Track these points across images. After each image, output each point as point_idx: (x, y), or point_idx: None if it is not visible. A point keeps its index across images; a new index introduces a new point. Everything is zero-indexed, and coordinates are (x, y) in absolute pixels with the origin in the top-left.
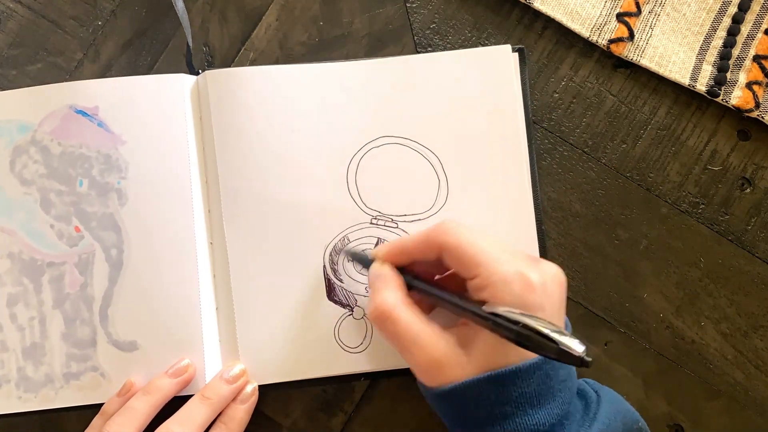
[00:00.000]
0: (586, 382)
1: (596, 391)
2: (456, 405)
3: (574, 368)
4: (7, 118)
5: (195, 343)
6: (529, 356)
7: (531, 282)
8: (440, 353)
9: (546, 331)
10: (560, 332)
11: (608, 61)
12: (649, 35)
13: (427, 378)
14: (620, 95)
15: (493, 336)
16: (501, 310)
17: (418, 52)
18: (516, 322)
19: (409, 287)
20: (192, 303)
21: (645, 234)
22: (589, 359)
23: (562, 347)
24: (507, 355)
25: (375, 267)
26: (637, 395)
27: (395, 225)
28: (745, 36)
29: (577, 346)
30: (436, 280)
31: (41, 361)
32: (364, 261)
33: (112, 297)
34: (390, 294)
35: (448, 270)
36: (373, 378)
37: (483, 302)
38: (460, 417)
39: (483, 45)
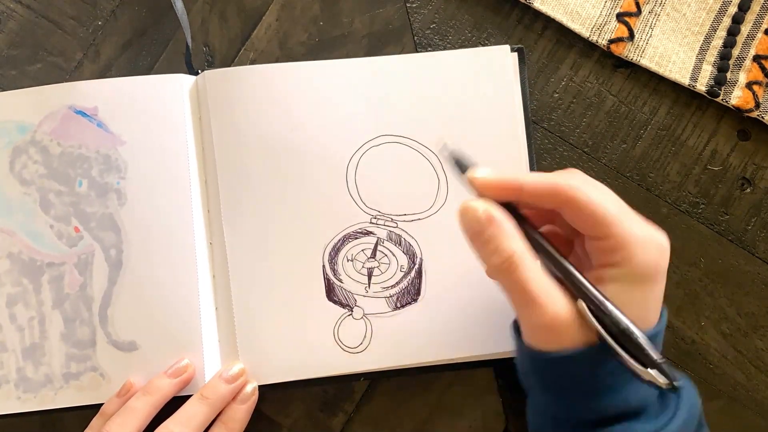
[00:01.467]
0: None
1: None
2: (571, 372)
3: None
4: (6, 118)
5: (194, 343)
6: (647, 325)
7: (665, 247)
8: (565, 313)
9: (636, 363)
10: (651, 363)
11: (608, 61)
12: (649, 35)
13: (543, 339)
14: (620, 95)
15: (616, 301)
16: (612, 308)
17: (418, 52)
18: (620, 328)
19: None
20: (191, 303)
21: None
22: (678, 383)
23: (648, 378)
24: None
25: (480, 205)
26: None
27: (395, 224)
28: (745, 36)
29: (661, 378)
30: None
31: (41, 361)
32: (463, 166)
33: (112, 297)
34: (517, 242)
35: (552, 218)
36: (373, 378)
37: (610, 265)
38: (569, 385)
39: (483, 45)
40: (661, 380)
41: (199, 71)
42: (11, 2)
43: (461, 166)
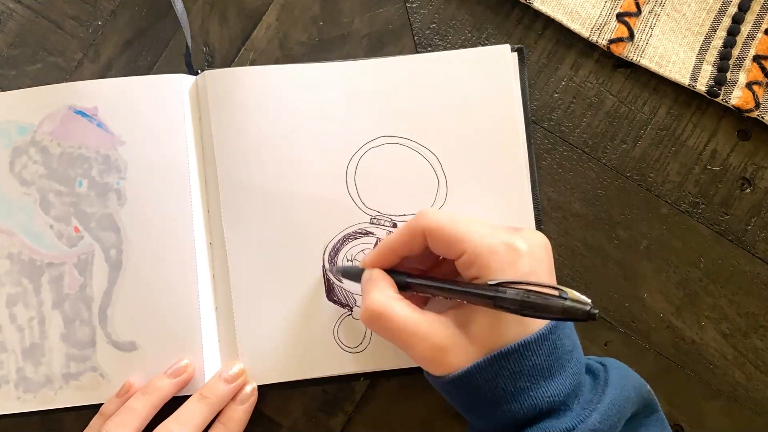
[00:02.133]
0: (588, 358)
1: (601, 363)
2: (469, 389)
3: (577, 340)
4: (6, 118)
5: (194, 343)
6: (529, 331)
7: (518, 249)
8: (442, 339)
9: (548, 291)
10: (562, 288)
11: (608, 61)
12: (649, 35)
13: (433, 367)
14: (620, 95)
15: (490, 315)
16: (497, 281)
17: (418, 52)
18: (517, 291)
19: (402, 287)
20: (191, 303)
21: (645, 234)
22: (596, 311)
23: (569, 303)
24: (506, 333)
25: (364, 274)
26: None
27: (395, 225)
28: (745, 36)
29: (584, 298)
30: (426, 274)
31: (40, 361)
32: (354, 274)
33: (112, 297)
34: (379, 292)
35: (435, 261)
36: (373, 378)
37: (475, 279)
38: (474, 401)
39: (483, 45)
40: (586, 300)
41: (199, 71)
42: (11, 2)
43: (352, 275)
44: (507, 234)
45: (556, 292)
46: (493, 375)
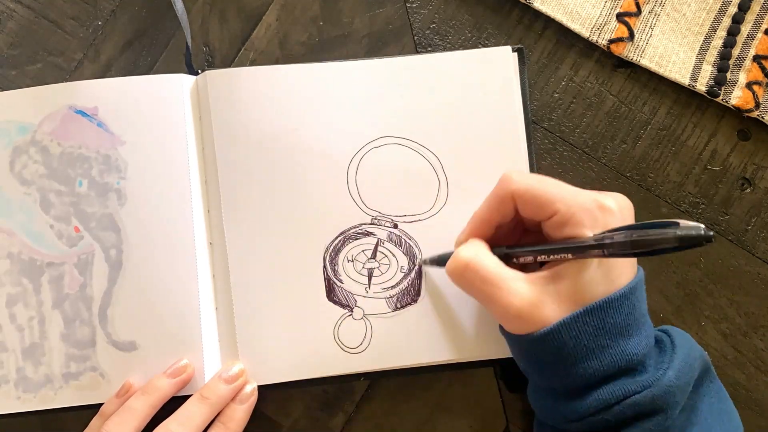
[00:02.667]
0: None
1: (663, 331)
2: (554, 346)
3: (646, 307)
4: (6, 118)
5: (194, 343)
6: (613, 289)
7: (609, 207)
8: (531, 292)
9: (656, 222)
10: (671, 220)
11: (608, 61)
12: (649, 35)
13: (518, 323)
14: (620, 95)
15: (576, 273)
16: (601, 233)
17: (418, 52)
18: (624, 233)
19: (503, 259)
20: (191, 303)
21: None
22: (711, 233)
23: (683, 229)
24: (593, 290)
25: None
26: None
27: (395, 225)
28: (745, 36)
29: (694, 223)
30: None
31: (40, 361)
32: (449, 257)
33: (112, 297)
34: (470, 246)
35: (519, 238)
36: (373, 378)
37: (568, 239)
38: (557, 358)
39: (483, 45)
40: (694, 226)
41: (199, 71)
42: (11, 2)
43: (445, 260)
44: (596, 193)
45: (663, 225)
46: (580, 331)
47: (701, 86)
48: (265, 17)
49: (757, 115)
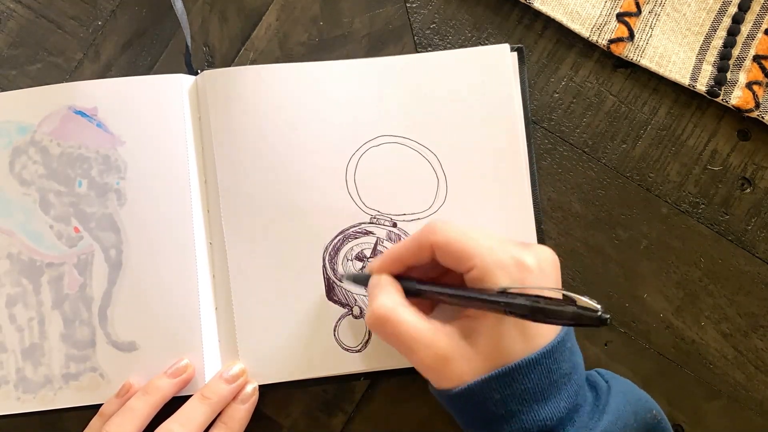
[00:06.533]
0: (597, 373)
1: (607, 381)
2: (466, 406)
3: (579, 361)
4: (6, 119)
5: (194, 343)
6: (532, 349)
7: (527, 264)
8: (445, 348)
9: (559, 296)
10: (571, 295)
11: (608, 61)
12: (649, 35)
13: (434, 375)
14: (620, 95)
15: (494, 329)
16: (507, 289)
17: (418, 52)
18: (527, 297)
19: (412, 293)
20: (191, 303)
21: (645, 234)
22: (607, 316)
23: (579, 307)
24: (511, 347)
25: (372, 279)
26: None
27: (394, 224)
28: (745, 36)
29: (593, 304)
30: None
31: (40, 361)
32: (362, 279)
33: (111, 297)
34: (387, 297)
35: (443, 271)
36: (373, 378)
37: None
38: (471, 417)
39: (483, 45)
40: (596, 306)
41: (199, 71)
42: (11, 2)
43: (360, 280)
44: (516, 248)
45: (565, 300)
46: (487, 396)
47: (701, 86)
48: (265, 17)
49: (757, 115)
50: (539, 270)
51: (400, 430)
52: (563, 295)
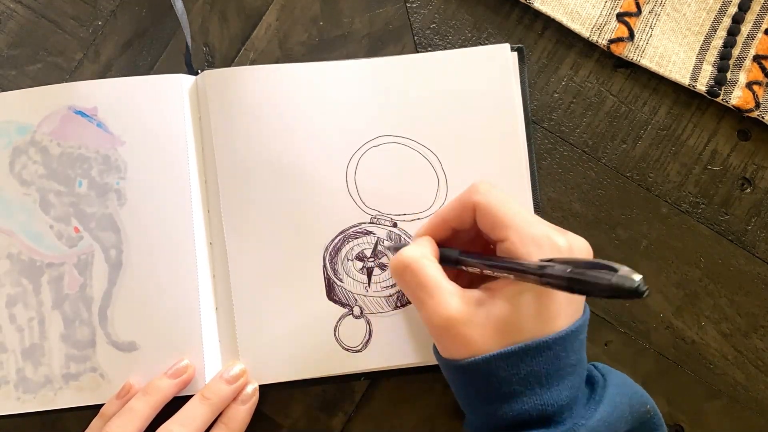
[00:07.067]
0: (594, 367)
1: (603, 375)
2: (470, 380)
3: (585, 358)
4: (6, 119)
5: (194, 343)
6: (547, 330)
7: (559, 245)
8: (458, 309)
9: (601, 262)
10: (613, 265)
11: (608, 61)
12: (649, 35)
13: (442, 336)
14: (620, 95)
15: (514, 301)
16: (545, 260)
17: (418, 52)
18: (564, 267)
19: (453, 263)
20: (191, 303)
21: (645, 234)
22: (645, 288)
23: (616, 279)
24: (524, 324)
25: (413, 238)
26: None
27: (395, 224)
28: (746, 36)
29: (634, 274)
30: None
31: (40, 361)
32: (400, 246)
33: (112, 297)
34: (416, 247)
35: (484, 247)
36: (373, 378)
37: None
38: (472, 392)
39: (483, 45)
40: (636, 277)
41: (199, 71)
42: (11, 2)
43: (396, 250)
44: (552, 230)
45: (605, 270)
46: (491, 373)
47: (701, 86)
48: (265, 17)
49: (757, 115)
50: (570, 254)
51: (400, 430)
52: (602, 265)
